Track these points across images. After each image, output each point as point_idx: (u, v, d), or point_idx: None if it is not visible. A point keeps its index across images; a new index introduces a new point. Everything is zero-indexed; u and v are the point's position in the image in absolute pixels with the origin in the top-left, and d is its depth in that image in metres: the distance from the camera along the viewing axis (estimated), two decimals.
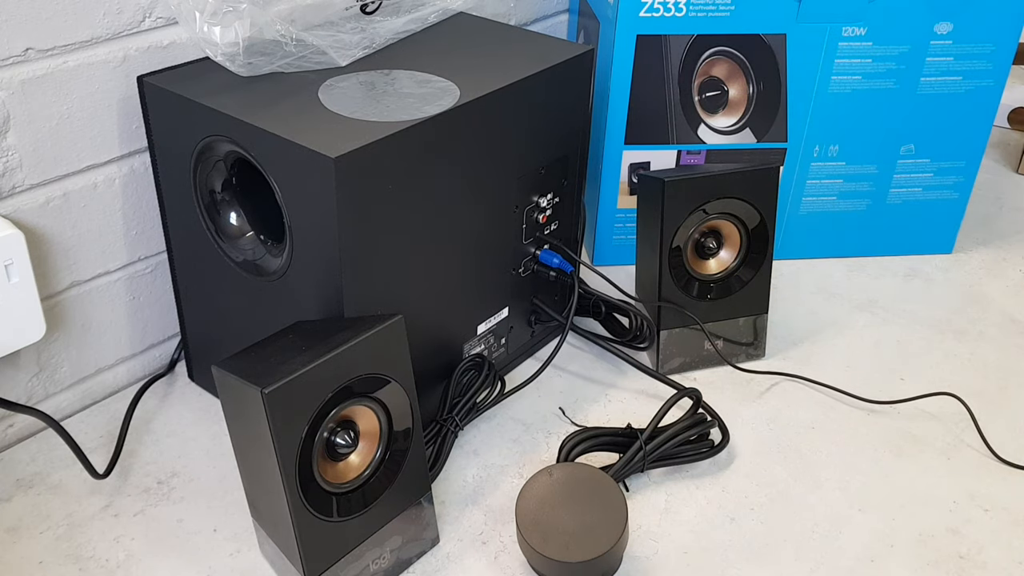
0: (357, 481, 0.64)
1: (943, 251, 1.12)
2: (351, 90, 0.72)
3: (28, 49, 0.70)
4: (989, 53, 1.00)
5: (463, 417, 0.80)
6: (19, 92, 0.70)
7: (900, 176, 1.06)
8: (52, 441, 0.79)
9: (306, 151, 0.62)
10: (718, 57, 0.97)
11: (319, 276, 0.67)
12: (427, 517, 0.70)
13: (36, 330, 0.73)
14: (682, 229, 0.85)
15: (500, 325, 0.86)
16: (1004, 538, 0.74)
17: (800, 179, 1.05)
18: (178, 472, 0.78)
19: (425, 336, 0.77)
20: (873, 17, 0.96)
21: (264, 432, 0.58)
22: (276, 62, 0.74)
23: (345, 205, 0.63)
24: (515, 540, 0.71)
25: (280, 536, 0.64)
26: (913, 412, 0.87)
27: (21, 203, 0.74)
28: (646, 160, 1.02)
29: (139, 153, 0.80)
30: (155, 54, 0.77)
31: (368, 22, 0.83)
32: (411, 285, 0.73)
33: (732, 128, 1.01)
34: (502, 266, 0.83)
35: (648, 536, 0.73)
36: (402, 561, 0.69)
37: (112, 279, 0.83)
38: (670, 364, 0.90)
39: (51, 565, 0.69)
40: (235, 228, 0.74)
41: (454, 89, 0.73)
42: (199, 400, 0.86)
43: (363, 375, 0.62)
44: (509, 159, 0.78)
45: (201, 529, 0.73)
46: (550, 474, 0.70)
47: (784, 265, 1.09)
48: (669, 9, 0.94)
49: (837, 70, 0.99)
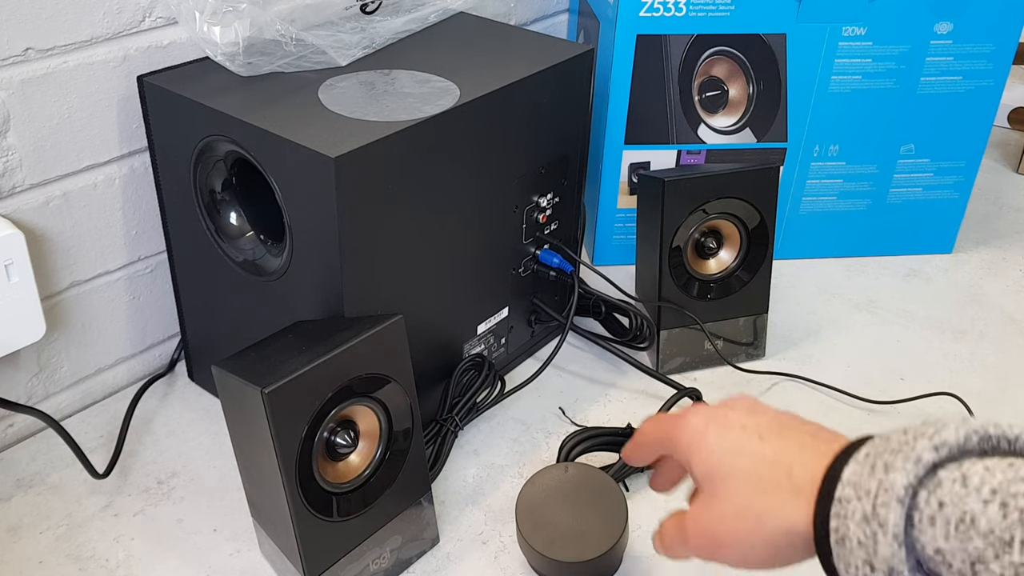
0: (357, 481, 0.64)
1: (943, 251, 1.12)
2: (351, 90, 0.72)
3: (28, 49, 0.70)
4: (989, 53, 1.00)
5: (463, 417, 0.80)
6: (19, 92, 0.70)
7: (900, 176, 1.06)
8: (52, 441, 0.79)
9: (306, 151, 0.62)
10: (718, 57, 0.97)
11: (319, 276, 0.67)
12: (427, 517, 0.70)
13: (36, 330, 0.73)
14: (682, 229, 0.85)
15: (500, 325, 0.86)
16: None
17: (800, 179, 1.05)
18: (178, 472, 0.78)
19: (425, 336, 0.76)
20: (873, 17, 0.96)
21: (264, 432, 0.58)
22: (276, 62, 0.74)
23: (345, 205, 0.63)
24: (515, 540, 0.71)
25: (280, 536, 0.64)
26: (913, 412, 0.87)
27: (21, 203, 0.74)
28: (646, 160, 1.02)
29: (139, 153, 0.80)
30: (155, 54, 0.77)
31: (368, 22, 0.83)
32: (411, 285, 0.73)
33: (732, 128, 1.01)
34: (502, 266, 0.83)
35: (648, 536, 0.73)
36: (402, 561, 0.69)
37: (112, 279, 0.83)
38: (670, 364, 0.90)
39: (51, 565, 0.69)
40: (235, 228, 0.74)
41: (454, 89, 0.73)
42: (199, 400, 0.86)
43: (363, 375, 0.62)
44: (509, 159, 0.78)
45: (201, 529, 0.73)
46: (558, 471, 0.70)
47: (784, 265, 1.09)
48: (669, 9, 0.94)
49: (837, 70, 0.99)
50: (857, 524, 0.40)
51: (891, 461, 0.40)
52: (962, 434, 0.40)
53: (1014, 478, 0.37)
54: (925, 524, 0.38)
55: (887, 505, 0.39)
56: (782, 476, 0.45)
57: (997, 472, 0.37)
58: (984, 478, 0.37)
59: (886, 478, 0.40)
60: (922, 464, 0.39)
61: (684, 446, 0.50)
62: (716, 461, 0.48)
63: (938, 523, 0.38)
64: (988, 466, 0.38)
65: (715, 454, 0.48)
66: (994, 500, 0.37)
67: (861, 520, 0.40)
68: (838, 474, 0.42)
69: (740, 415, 0.49)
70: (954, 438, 0.40)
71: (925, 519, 0.38)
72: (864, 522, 0.40)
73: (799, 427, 0.47)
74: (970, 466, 0.38)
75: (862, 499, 0.40)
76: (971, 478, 0.38)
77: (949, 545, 0.37)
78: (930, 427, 0.41)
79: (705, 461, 0.48)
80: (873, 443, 0.42)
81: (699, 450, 0.49)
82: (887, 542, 0.39)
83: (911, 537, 0.39)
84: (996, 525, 0.36)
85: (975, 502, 0.37)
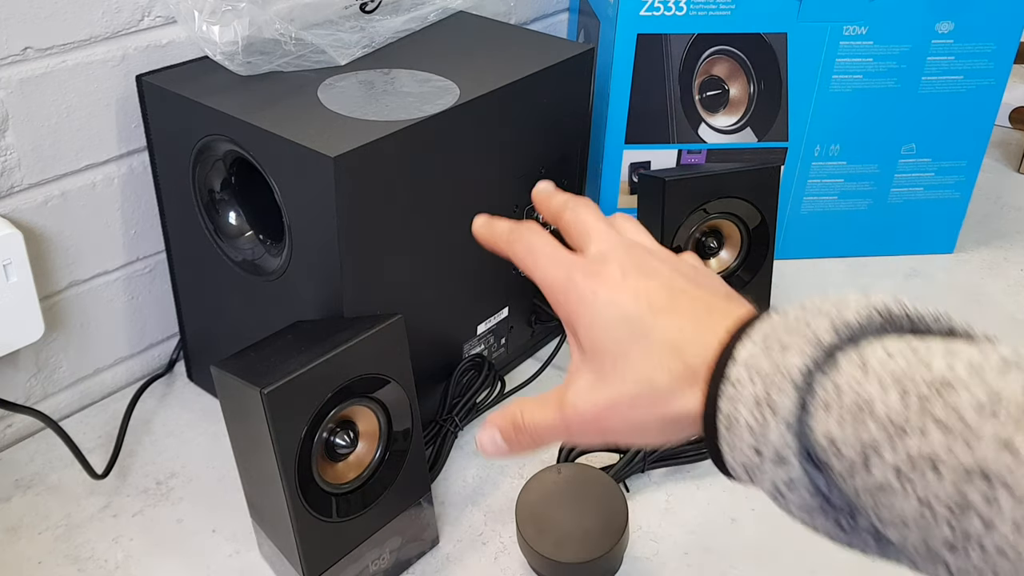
0: (357, 481, 0.64)
1: (944, 251, 1.12)
2: (350, 89, 0.72)
3: (26, 48, 0.70)
4: (990, 52, 0.99)
5: (463, 417, 0.80)
6: (17, 91, 0.70)
7: (901, 176, 1.06)
8: (51, 441, 0.79)
9: (305, 150, 0.62)
10: (719, 56, 0.97)
11: (319, 276, 0.67)
12: (427, 517, 0.70)
13: (35, 330, 0.73)
14: (682, 229, 0.85)
15: (500, 325, 0.86)
16: None
17: (801, 178, 1.05)
18: (177, 472, 0.77)
19: (425, 336, 0.76)
20: (874, 16, 0.96)
21: (263, 432, 0.58)
22: (275, 61, 0.74)
23: (345, 204, 0.63)
24: (515, 540, 0.70)
25: (279, 536, 0.64)
26: None
27: (19, 203, 0.74)
28: (646, 160, 1.01)
29: (138, 152, 0.80)
30: (154, 53, 0.77)
31: (367, 21, 0.83)
32: (411, 285, 0.73)
33: (733, 127, 1.01)
34: (502, 266, 0.83)
35: (649, 537, 0.73)
36: (402, 561, 0.69)
37: (111, 279, 0.82)
38: None
39: (50, 565, 0.69)
40: (234, 228, 0.74)
41: (454, 88, 0.72)
42: (198, 400, 0.85)
43: (363, 375, 0.62)
44: (509, 159, 0.78)
45: (200, 529, 0.72)
46: (558, 471, 0.70)
47: (785, 265, 1.09)
48: (669, 8, 0.93)
49: (838, 69, 0.99)
50: (748, 408, 0.37)
51: (788, 342, 0.37)
52: (864, 314, 0.37)
53: (916, 363, 0.34)
54: (819, 410, 0.35)
55: (781, 389, 0.36)
56: (675, 359, 0.41)
57: (899, 357, 0.34)
58: (884, 362, 0.34)
59: (782, 360, 0.36)
60: (821, 347, 0.36)
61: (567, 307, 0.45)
62: (604, 336, 0.43)
63: (832, 409, 0.35)
64: (889, 350, 0.35)
65: (604, 328, 0.43)
66: (894, 387, 0.34)
67: (753, 404, 0.37)
68: (731, 353, 0.39)
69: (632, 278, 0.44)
70: (855, 318, 0.37)
71: (820, 405, 0.35)
72: (756, 406, 0.37)
73: (693, 295, 0.43)
74: (871, 350, 0.35)
75: (755, 382, 0.37)
76: (870, 362, 0.35)
77: (843, 433, 0.34)
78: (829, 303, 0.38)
79: (591, 330, 0.43)
80: (770, 320, 0.39)
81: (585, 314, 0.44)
82: (777, 428, 0.36)
83: (803, 424, 0.36)
84: (893, 412, 0.33)
85: (874, 387, 0.34)
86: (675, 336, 0.41)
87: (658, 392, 0.41)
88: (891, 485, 0.33)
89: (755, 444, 0.37)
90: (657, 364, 0.41)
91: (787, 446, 0.36)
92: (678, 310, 0.42)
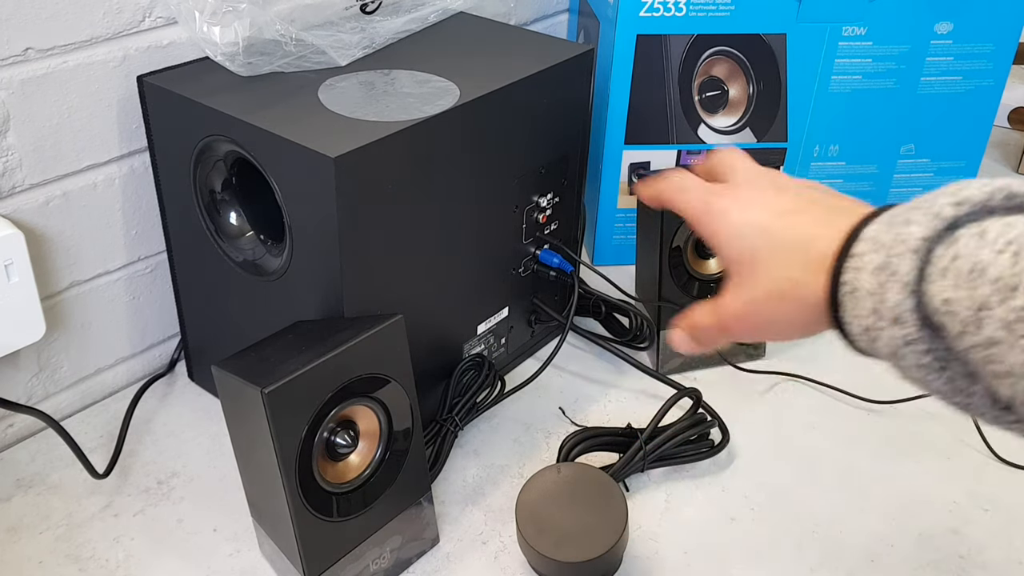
0: (357, 481, 0.64)
1: None
2: (351, 90, 0.72)
3: (28, 49, 0.70)
4: (989, 53, 1.00)
5: (463, 417, 0.80)
6: (19, 92, 0.70)
7: (900, 176, 1.06)
8: (52, 441, 0.79)
9: (306, 151, 0.62)
10: (718, 57, 0.97)
11: (319, 276, 0.67)
12: (427, 517, 0.70)
13: (36, 330, 0.73)
14: (682, 228, 0.85)
15: (500, 325, 0.86)
16: (1004, 538, 0.74)
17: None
18: (178, 472, 0.78)
19: (425, 336, 0.76)
20: (873, 17, 0.96)
21: (264, 432, 0.58)
22: (276, 62, 0.74)
23: (345, 205, 0.63)
24: (515, 540, 0.71)
25: (280, 536, 0.64)
26: (913, 412, 0.87)
27: (21, 203, 0.74)
28: (646, 160, 1.01)
29: (139, 153, 0.80)
30: (155, 54, 0.77)
31: (368, 22, 0.83)
32: (411, 285, 0.73)
33: (732, 128, 1.01)
34: (502, 266, 0.83)
35: (648, 536, 0.73)
36: (402, 561, 0.69)
37: (112, 279, 0.83)
38: (670, 364, 0.90)
39: (51, 565, 0.69)
40: (235, 228, 0.74)
41: (454, 89, 0.72)
42: (199, 400, 0.86)
43: (363, 375, 0.62)
44: (509, 159, 0.78)
45: (201, 529, 0.73)
46: (558, 471, 0.70)
47: None
48: (669, 9, 0.94)
49: (837, 70, 0.99)
50: (870, 274, 0.40)
51: (911, 216, 0.40)
52: (986, 191, 0.39)
53: None
54: (936, 276, 0.38)
55: (901, 256, 0.39)
56: (802, 252, 0.45)
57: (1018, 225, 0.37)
58: (1002, 231, 0.37)
59: (904, 230, 0.39)
60: (941, 218, 0.39)
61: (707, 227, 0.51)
62: (739, 245, 0.48)
63: (949, 274, 0.38)
64: (1009, 222, 0.37)
65: (736, 237, 0.49)
66: (1008, 250, 0.36)
67: (874, 270, 0.40)
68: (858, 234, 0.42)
69: (761, 192, 0.49)
70: (978, 195, 0.39)
71: (937, 271, 0.38)
72: (877, 271, 0.40)
73: (823, 202, 0.48)
74: (991, 223, 0.38)
75: (878, 251, 0.40)
76: (988, 232, 0.37)
77: (957, 294, 0.37)
78: (953, 186, 0.41)
79: (728, 244, 0.49)
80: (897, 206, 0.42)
81: (720, 230, 0.50)
82: (896, 290, 0.39)
83: (921, 290, 0.39)
84: (1005, 272, 0.36)
85: (988, 253, 0.37)
86: (802, 232, 0.46)
87: (790, 285, 0.46)
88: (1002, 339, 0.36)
89: (875, 307, 0.40)
90: (784, 261, 0.46)
91: (906, 307, 0.39)
92: (806, 211, 0.47)
